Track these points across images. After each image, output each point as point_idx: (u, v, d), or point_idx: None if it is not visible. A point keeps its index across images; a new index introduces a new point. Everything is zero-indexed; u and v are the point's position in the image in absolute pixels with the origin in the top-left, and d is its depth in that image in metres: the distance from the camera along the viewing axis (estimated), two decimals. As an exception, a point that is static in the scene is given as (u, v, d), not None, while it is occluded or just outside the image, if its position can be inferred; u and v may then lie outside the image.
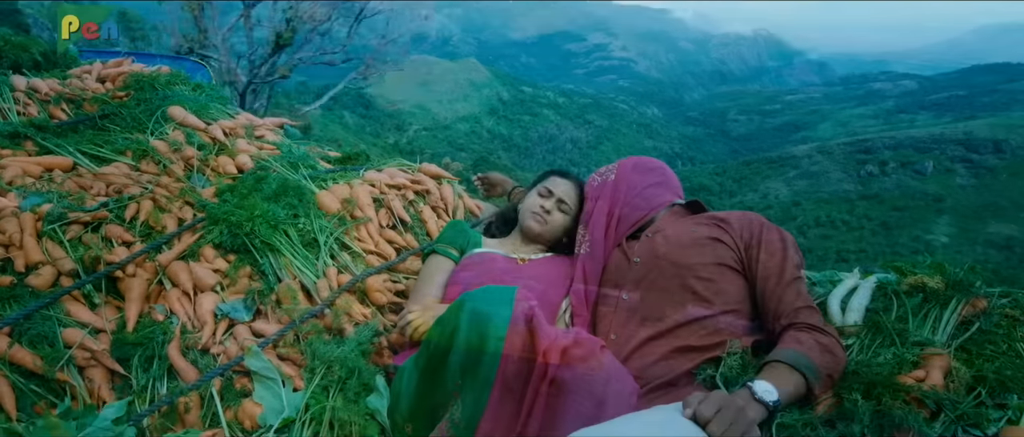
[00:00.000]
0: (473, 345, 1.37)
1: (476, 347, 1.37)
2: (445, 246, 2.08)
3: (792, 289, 1.63)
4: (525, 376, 1.35)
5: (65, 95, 2.67)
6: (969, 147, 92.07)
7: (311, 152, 2.68)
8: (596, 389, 1.36)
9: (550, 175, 2.18)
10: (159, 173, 2.36)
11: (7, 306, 1.67)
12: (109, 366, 1.63)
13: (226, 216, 2.01)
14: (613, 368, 1.42)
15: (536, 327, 1.37)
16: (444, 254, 2.06)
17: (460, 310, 1.43)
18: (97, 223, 1.96)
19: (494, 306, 1.40)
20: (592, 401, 1.35)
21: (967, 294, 1.69)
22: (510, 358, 1.35)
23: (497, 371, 1.35)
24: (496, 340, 1.36)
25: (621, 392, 1.39)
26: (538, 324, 1.38)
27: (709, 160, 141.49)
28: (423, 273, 2.05)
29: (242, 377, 1.70)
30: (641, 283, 1.76)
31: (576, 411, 1.33)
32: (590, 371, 1.37)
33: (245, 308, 1.86)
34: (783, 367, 1.44)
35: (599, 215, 1.95)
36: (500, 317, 1.38)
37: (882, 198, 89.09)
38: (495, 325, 1.37)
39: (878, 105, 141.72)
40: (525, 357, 1.36)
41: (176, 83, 2.88)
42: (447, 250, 2.07)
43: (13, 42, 2.90)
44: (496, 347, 1.35)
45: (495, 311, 1.39)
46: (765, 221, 1.78)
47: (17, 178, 2.11)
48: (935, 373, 1.51)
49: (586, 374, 1.36)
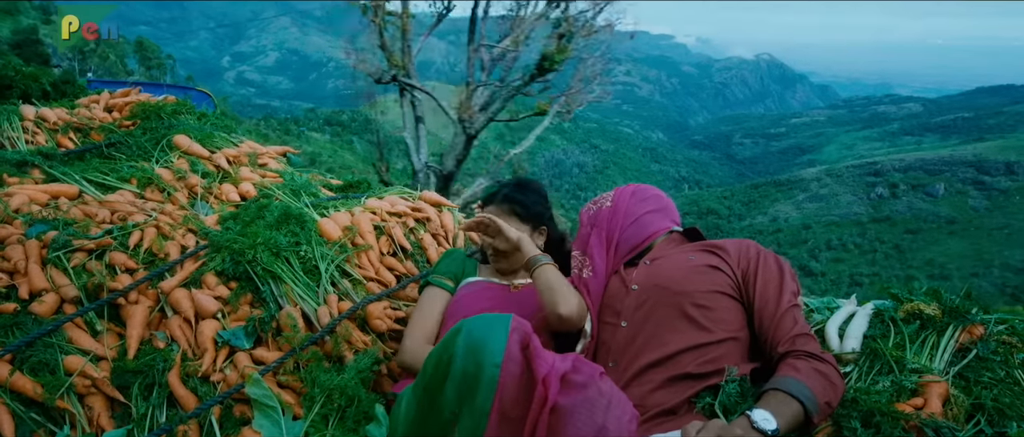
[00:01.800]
0: (469, 373, 1.36)
1: (472, 374, 1.35)
2: (440, 277, 2.08)
3: (789, 316, 1.63)
4: (524, 403, 1.34)
5: (73, 124, 2.72)
6: (981, 169, 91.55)
7: (313, 180, 2.71)
8: (597, 416, 1.35)
9: (483, 205, 2.16)
10: (163, 201, 2.40)
11: (10, 333, 1.69)
12: (109, 394, 1.64)
13: (228, 244, 2.03)
14: (613, 394, 1.40)
15: (533, 354, 1.36)
16: (439, 285, 2.06)
17: (456, 337, 1.41)
18: (101, 250, 1.98)
19: (490, 333, 1.38)
20: (592, 428, 1.33)
21: (964, 321, 1.69)
22: (507, 386, 1.33)
23: (494, 399, 1.33)
24: (492, 367, 1.34)
25: (621, 419, 1.37)
26: (535, 350, 1.37)
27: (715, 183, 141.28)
28: (419, 305, 2.04)
29: (242, 405, 1.71)
30: (639, 310, 1.76)
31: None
32: (590, 397, 1.36)
33: (246, 335, 1.87)
34: (781, 395, 1.43)
35: (598, 241, 1.95)
36: (496, 344, 1.36)
37: (894, 221, 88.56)
38: (491, 352, 1.35)
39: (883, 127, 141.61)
40: (523, 384, 1.34)
41: (182, 112, 2.93)
42: (442, 281, 2.06)
43: (24, 72, 2.96)
44: (492, 374, 1.34)
45: (491, 338, 1.37)
46: (762, 249, 1.79)
47: (24, 206, 2.14)
48: (934, 401, 1.51)
49: (586, 400, 1.35)
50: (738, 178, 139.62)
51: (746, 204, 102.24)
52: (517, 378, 1.35)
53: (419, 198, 2.64)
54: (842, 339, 1.73)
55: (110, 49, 48.62)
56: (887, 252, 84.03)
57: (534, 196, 2.10)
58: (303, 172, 2.81)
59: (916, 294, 1.83)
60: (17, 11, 47.57)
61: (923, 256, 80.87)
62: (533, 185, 2.14)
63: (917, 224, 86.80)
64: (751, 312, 1.68)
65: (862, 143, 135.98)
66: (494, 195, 2.10)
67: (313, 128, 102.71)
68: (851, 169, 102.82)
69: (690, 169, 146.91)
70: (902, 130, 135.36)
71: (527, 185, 2.13)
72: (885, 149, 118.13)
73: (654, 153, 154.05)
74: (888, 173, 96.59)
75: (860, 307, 1.85)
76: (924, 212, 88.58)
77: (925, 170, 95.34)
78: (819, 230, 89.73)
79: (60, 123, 2.71)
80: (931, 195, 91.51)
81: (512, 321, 1.40)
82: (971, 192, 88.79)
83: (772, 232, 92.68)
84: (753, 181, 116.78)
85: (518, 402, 1.35)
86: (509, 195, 2.08)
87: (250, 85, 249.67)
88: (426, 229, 2.52)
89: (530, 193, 2.10)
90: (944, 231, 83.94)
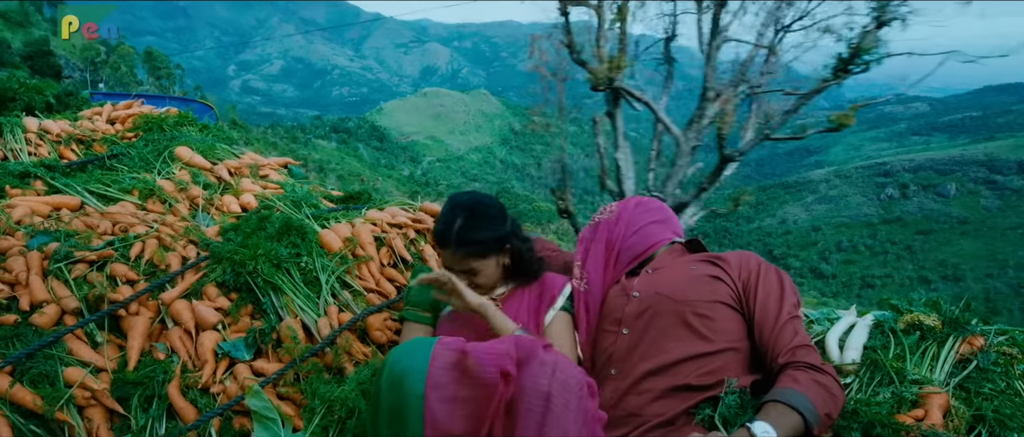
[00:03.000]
0: (395, 406, 1.36)
1: (398, 407, 1.36)
2: (414, 310, 1.94)
3: (789, 328, 1.62)
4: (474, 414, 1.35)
5: (75, 136, 2.74)
6: (992, 168, 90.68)
7: (314, 191, 2.72)
8: (541, 384, 1.35)
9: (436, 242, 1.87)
10: (165, 212, 2.41)
11: (11, 345, 1.69)
12: (109, 406, 1.65)
13: (229, 255, 2.04)
14: (557, 361, 1.40)
15: (472, 367, 1.36)
16: (415, 319, 1.92)
17: (381, 372, 1.42)
18: (102, 262, 1.99)
19: (410, 364, 1.38)
20: (540, 397, 1.34)
21: (964, 332, 1.69)
22: (436, 411, 1.33)
23: (424, 427, 1.33)
24: (416, 398, 1.34)
25: (566, 382, 1.37)
26: (475, 363, 1.36)
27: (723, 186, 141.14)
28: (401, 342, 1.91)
29: (242, 416, 1.71)
30: (641, 318, 1.76)
31: (527, 411, 1.33)
32: (533, 371, 1.37)
33: (246, 347, 1.87)
34: (781, 407, 1.43)
35: (597, 254, 1.96)
36: (416, 374, 1.35)
37: (905, 222, 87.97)
38: (412, 383, 1.35)
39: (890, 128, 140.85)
40: (462, 399, 1.35)
41: (184, 124, 2.94)
42: (417, 314, 1.93)
43: (28, 85, 2.99)
44: (417, 405, 1.33)
45: (411, 369, 1.36)
46: (763, 261, 1.78)
47: (26, 217, 2.15)
48: (934, 412, 1.50)
49: (530, 374, 1.36)
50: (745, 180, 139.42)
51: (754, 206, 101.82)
52: (451, 399, 1.35)
53: (419, 209, 2.65)
54: (842, 350, 1.73)
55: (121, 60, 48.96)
56: (899, 253, 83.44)
57: (487, 225, 1.81)
58: (304, 183, 2.82)
59: (916, 305, 1.82)
60: (29, 23, 48.01)
61: (936, 257, 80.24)
62: (483, 209, 1.82)
63: (929, 225, 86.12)
64: (751, 324, 1.68)
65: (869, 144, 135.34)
66: (445, 237, 1.79)
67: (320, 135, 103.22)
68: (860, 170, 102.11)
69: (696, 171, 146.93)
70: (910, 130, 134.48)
71: (477, 215, 1.81)
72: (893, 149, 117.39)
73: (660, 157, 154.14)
74: (898, 173, 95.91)
75: (860, 318, 1.85)
76: (935, 213, 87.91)
77: (936, 170, 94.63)
78: (829, 232, 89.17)
79: (63, 135, 2.73)
80: (942, 195, 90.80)
81: (435, 347, 1.39)
82: (983, 192, 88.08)
83: (781, 234, 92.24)
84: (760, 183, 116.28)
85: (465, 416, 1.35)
86: (462, 238, 1.78)
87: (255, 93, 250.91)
88: (427, 240, 2.52)
89: (484, 224, 1.80)
90: (956, 232, 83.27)
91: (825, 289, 76.31)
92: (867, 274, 79.92)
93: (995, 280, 70.79)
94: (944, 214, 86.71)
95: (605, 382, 1.71)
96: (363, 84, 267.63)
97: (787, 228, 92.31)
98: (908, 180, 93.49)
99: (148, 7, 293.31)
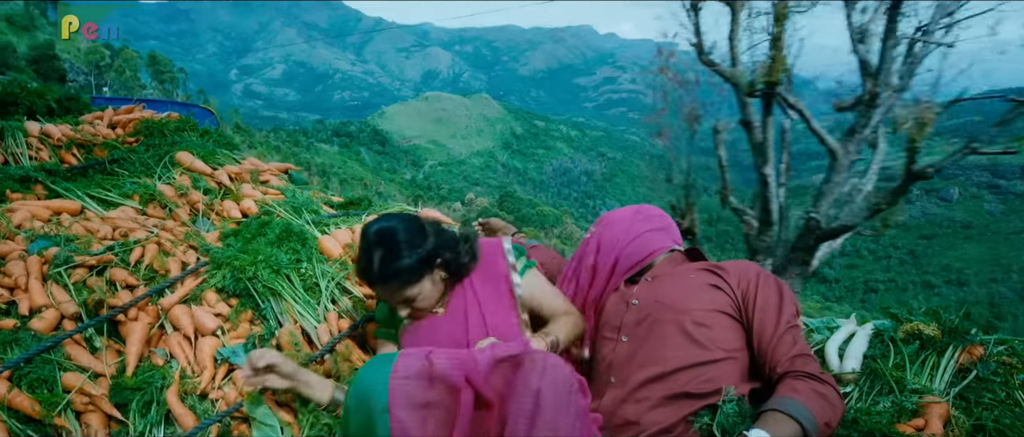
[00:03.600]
0: (363, 423, 1.38)
1: (365, 424, 1.38)
2: (383, 328, 1.92)
3: (788, 337, 1.62)
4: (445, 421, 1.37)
5: (77, 140, 2.75)
6: (995, 173, 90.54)
7: (314, 197, 2.72)
8: (532, 381, 1.36)
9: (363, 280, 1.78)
10: (165, 217, 2.41)
11: (9, 349, 1.69)
12: (107, 411, 1.64)
13: (229, 260, 2.04)
14: (547, 360, 1.41)
15: (438, 371, 1.38)
16: (385, 337, 1.90)
17: (349, 390, 1.44)
18: (102, 266, 1.99)
19: (373, 380, 1.39)
20: (530, 394, 1.35)
21: (963, 341, 1.68)
22: (402, 421, 1.34)
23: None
24: (381, 413, 1.35)
25: (556, 380, 1.38)
26: (441, 366, 1.38)
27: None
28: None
29: (240, 423, 1.71)
30: (640, 326, 1.76)
31: (518, 409, 1.34)
32: (525, 369, 1.38)
33: (245, 353, 1.87)
34: (780, 415, 1.43)
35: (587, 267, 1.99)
36: (379, 389, 1.37)
37: (908, 226, 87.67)
38: (376, 398, 1.36)
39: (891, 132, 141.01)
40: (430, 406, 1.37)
41: (185, 129, 2.95)
42: (385, 332, 1.91)
43: (29, 89, 2.99)
44: (383, 420, 1.35)
45: (374, 385, 1.38)
46: (762, 270, 1.78)
47: (26, 221, 2.15)
48: (934, 422, 1.50)
49: (522, 373, 1.38)
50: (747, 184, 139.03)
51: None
52: (420, 406, 1.37)
53: (418, 214, 2.64)
54: (842, 359, 1.72)
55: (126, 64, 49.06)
56: (902, 258, 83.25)
57: (407, 250, 1.70)
58: (305, 189, 2.82)
59: (915, 314, 1.82)
60: (34, 27, 48.16)
61: (939, 261, 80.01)
62: (398, 237, 1.71)
63: (932, 229, 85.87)
64: (750, 333, 1.68)
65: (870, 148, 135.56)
66: (368, 275, 1.73)
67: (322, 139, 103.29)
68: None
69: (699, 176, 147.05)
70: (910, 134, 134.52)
71: (393, 244, 1.70)
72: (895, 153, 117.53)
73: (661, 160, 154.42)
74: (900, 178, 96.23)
75: (860, 327, 1.84)
76: (939, 217, 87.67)
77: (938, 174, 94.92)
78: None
79: (64, 139, 2.73)
80: (945, 200, 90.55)
81: (397, 360, 1.41)
82: (986, 196, 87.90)
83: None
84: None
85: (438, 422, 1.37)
86: (385, 272, 1.69)
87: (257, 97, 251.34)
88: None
89: (403, 251, 1.70)
90: (960, 236, 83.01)
91: (828, 294, 76.10)
92: (870, 279, 79.74)
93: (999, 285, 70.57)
94: (947, 218, 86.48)
95: (605, 390, 1.71)
96: (364, 88, 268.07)
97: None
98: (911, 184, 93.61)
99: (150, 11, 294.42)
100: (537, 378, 1.36)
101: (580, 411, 1.40)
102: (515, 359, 1.41)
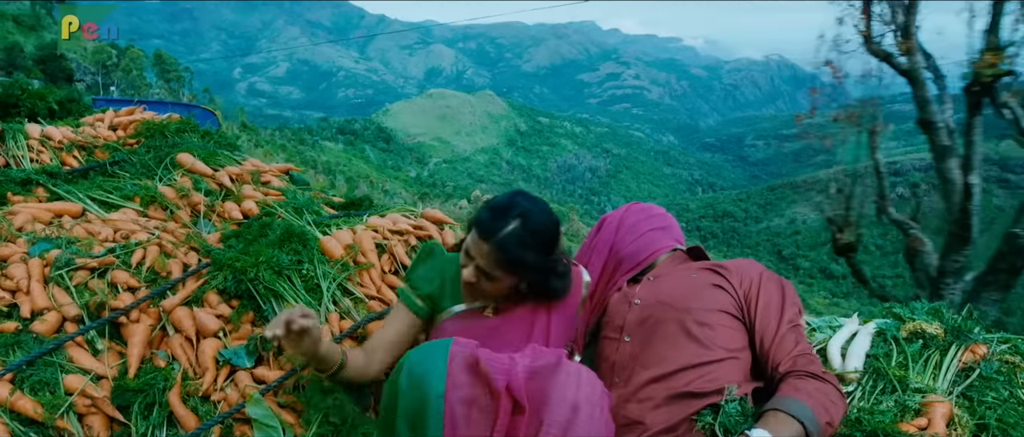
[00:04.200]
0: (416, 407, 1.39)
1: (419, 408, 1.38)
2: (411, 293, 1.81)
3: (790, 337, 1.62)
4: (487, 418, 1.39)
5: (77, 142, 2.75)
6: (1004, 167, 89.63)
7: (315, 198, 2.72)
8: (569, 394, 1.39)
9: (474, 225, 1.67)
10: (166, 219, 2.41)
11: (11, 352, 1.69)
12: (109, 413, 1.65)
13: (231, 262, 2.04)
14: (581, 371, 1.45)
15: (485, 370, 1.40)
16: (407, 302, 1.81)
17: (400, 372, 1.44)
18: (104, 269, 1.99)
19: (430, 364, 1.40)
20: (566, 406, 1.37)
21: (966, 340, 1.68)
22: (455, 412, 1.37)
23: (443, 428, 1.36)
24: (436, 398, 1.37)
25: (591, 395, 1.41)
26: (487, 366, 1.40)
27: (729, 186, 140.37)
28: (385, 324, 1.84)
29: (242, 424, 1.71)
30: (643, 325, 1.75)
31: (551, 420, 1.36)
32: (561, 380, 1.40)
33: (247, 354, 1.87)
34: (781, 415, 1.43)
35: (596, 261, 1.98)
36: (437, 374, 1.38)
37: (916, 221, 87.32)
38: (433, 383, 1.38)
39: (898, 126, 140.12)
40: (480, 402, 1.39)
41: (186, 130, 2.95)
42: (411, 298, 1.80)
43: (30, 91, 3.00)
44: (437, 406, 1.36)
45: (432, 369, 1.39)
46: (764, 269, 1.78)
47: (27, 224, 2.15)
48: (938, 421, 1.50)
49: (558, 384, 1.40)
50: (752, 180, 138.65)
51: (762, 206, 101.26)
52: (468, 401, 1.39)
53: (420, 216, 2.65)
54: (845, 358, 1.72)
55: (132, 63, 49.16)
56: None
57: (539, 248, 1.64)
58: (306, 190, 2.82)
59: (918, 313, 1.81)
60: (41, 26, 48.25)
61: (948, 257, 79.76)
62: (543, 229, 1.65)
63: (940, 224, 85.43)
64: (752, 332, 1.67)
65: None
66: (489, 231, 1.62)
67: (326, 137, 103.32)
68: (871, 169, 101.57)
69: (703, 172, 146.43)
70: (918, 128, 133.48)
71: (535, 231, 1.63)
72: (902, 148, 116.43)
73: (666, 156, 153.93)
74: (908, 173, 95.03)
75: (862, 326, 1.84)
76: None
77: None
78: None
79: (65, 141, 2.73)
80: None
81: (452, 346, 1.42)
82: (995, 191, 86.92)
83: (790, 234, 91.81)
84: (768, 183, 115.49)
85: (478, 421, 1.39)
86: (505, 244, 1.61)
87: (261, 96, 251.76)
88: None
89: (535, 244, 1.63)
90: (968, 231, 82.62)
91: (836, 289, 75.74)
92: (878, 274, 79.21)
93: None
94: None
95: (610, 390, 1.71)
96: (368, 86, 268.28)
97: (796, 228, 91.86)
98: (919, 179, 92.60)
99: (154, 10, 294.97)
100: (574, 390, 1.39)
101: (609, 424, 1.45)
102: (551, 368, 1.43)
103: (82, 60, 45.19)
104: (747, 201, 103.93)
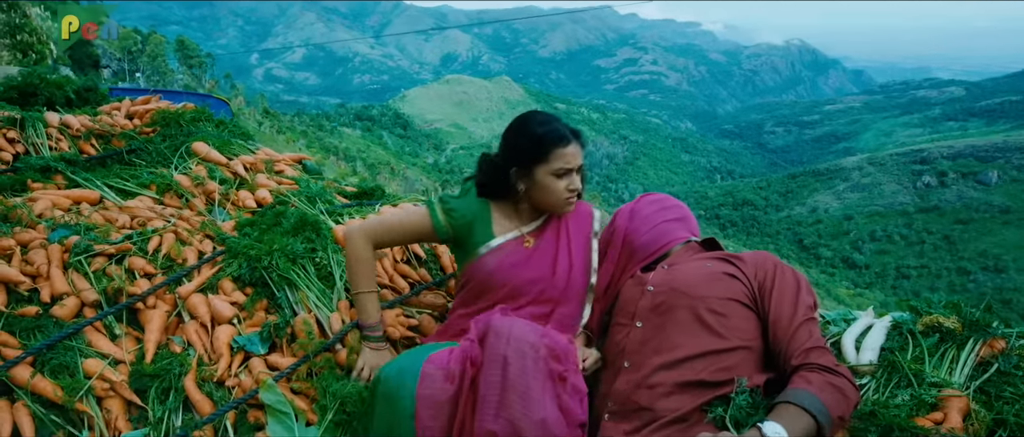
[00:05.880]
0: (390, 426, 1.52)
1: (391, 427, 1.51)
2: (440, 208, 1.90)
3: (804, 329, 1.60)
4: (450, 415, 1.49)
5: (95, 131, 2.78)
6: None
7: (328, 187, 2.73)
8: (499, 349, 1.47)
9: (551, 147, 1.81)
10: (181, 207, 2.43)
11: (32, 336, 1.74)
12: (127, 397, 1.68)
13: (245, 250, 2.06)
14: (512, 326, 1.52)
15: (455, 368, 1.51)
16: (432, 215, 1.90)
17: (374, 391, 1.58)
18: (121, 255, 2.02)
19: (401, 382, 1.52)
20: (498, 364, 1.45)
21: (984, 334, 1.65)
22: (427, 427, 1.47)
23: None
24: (407, 419, 1.48)
25: (521, 347, 1.48)
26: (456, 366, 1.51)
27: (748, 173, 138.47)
28: (400, 216, 1.94)
29: (256, 410, 1.73)
30: (655, 312, 1.75)
31: (487, 380, 1.45)
32: (491, 342, 1.50)
33: (261, 341, 1.89)
34: (793, 408, 1.41)
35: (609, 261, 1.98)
36: (406, 394, 1.50)
37: (943, 210, 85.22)
38: (403, 405, 1.49)
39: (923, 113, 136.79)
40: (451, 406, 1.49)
41: (201, 120, 2.97)
42: (438, 216, 1.89)
43: (48, 81, 3.03)
44: (409, 426, 1.48)
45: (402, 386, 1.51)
46: (779, 261, 1.76)
47: (47, 210, 2.19)
48: (954, 415, 1.48)
49: (489, 344, 1.49)
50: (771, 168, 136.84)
51: (783, 194, 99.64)
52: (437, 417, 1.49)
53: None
54: (859, 351, 1.70)
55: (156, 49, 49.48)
56: (936, 243, 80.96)
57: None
58: (319, 179, 2.83)
59: (935, 307, 1.78)
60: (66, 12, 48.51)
61: (975, 247, 77.67)
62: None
63: (968, 214, 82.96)
64: (766, 324, 1.66)
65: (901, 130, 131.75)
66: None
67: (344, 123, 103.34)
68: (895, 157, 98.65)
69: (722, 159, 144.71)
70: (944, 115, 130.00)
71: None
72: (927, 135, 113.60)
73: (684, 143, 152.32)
74: (936, 160, 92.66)
75: (878, 319, 1.81)
76: (976, 201, 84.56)
77: (976, 157, 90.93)
78: (862, 221, 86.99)
79: (83, 130, 2.76)
80: (983, 183, 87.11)
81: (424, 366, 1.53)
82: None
83: (812, 223, 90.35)
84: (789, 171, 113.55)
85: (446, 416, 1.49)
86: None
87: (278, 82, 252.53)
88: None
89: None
90: (998, 221, 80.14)
91: (858, 279, 74.64)
92: (902, 264, 77.97)
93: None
94: (985, 203, 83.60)
95: (618, 375, 1.70)
96: (384, 71, 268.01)
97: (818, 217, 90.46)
98: (947, 167, 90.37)
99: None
100: (503, 345, 1.47)
101: (552, 375, 1.50)
102: (486, 330, 1.53)
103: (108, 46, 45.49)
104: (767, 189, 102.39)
